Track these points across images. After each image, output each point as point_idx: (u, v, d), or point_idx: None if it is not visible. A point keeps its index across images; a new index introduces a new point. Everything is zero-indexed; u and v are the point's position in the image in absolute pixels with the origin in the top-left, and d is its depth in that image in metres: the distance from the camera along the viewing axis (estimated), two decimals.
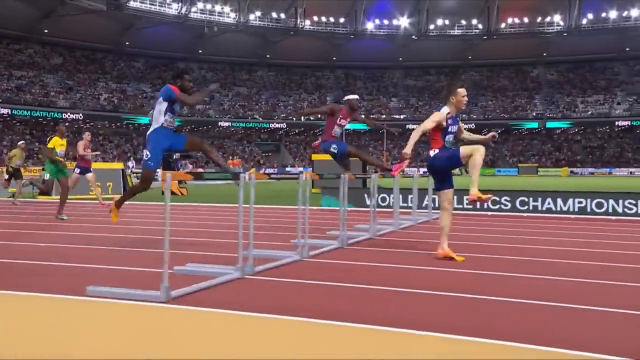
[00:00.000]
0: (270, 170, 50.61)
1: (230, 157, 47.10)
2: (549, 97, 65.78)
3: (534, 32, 60.79)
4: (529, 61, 68.77)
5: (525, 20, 59.77)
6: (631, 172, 46.64)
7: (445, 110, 5.17)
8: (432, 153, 5.20)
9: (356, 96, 6.97)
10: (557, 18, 59.31)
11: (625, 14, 56.53)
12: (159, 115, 5.30)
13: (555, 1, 57.62)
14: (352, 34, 62.87)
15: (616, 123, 59.78)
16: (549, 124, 61.91)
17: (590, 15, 57.85)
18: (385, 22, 61.87)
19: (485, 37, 62.03)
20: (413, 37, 64.19)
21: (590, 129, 61.73)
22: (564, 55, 65.55)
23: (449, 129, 5.18)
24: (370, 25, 62.97)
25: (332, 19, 61.20)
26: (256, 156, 61.13)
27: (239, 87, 67.86)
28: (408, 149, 5.11)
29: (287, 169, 54.61)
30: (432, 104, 69.08)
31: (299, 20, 60.49)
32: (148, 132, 5.37)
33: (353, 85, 72.94)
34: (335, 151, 6.76)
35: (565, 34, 60.24)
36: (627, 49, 63.92)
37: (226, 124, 60.76)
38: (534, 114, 63.75)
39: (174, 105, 5.33)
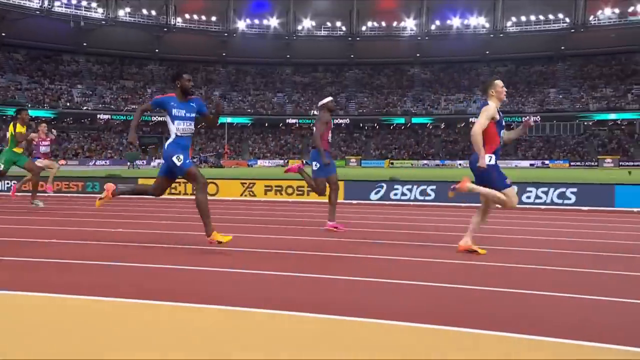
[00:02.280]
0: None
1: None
2: (419, 94, 71.66)
3: (391, 35, 66.28)
4: (407, 61, 74.48)
5: (383, 24, 65.12)
6: (460, 164, 52.75)
7: (492, 104, 4.90)
8: (487, 160, 4.79)
9: (330, 98, 6.93)
10: (410, 23, 65.09)
11: (465, 22, 63.10)
12: (169, 126, 5.15)
13: (408, 8, 63.32)
14: (226, 33, 65.84)
15: (470, 119, 66.36)
16: (414, 120, 67.71)
17: (437, 22, 64.02)
18: (256, 21, 65.31)
19: (349, 39, 66.83)
20: (293, 37, 67.98)
21: (449, 125, 68.12)
22: (437, 56, 71.68)
23: (502, 122, 4.96)
24: (242, 25, 66.18)
25: (204, 17, 63.90)
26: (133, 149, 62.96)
27: (125, 81, 69.24)
28: (482, 162, 4.78)
29: (157, 161, 56.75)
30: (314, 100, 73.41)
31: (170, 18, 62.75)
32: (166, 144, 5.18)
33: (242, 81, 76.10)
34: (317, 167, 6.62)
35: (418, 38, 66.17)
36: (487, 52, 70.85)
37: (105, 116, 62.26)
38: (403, 110, 69.38)
39: (172, 110, 5.08)
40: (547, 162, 54.85)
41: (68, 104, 60.02)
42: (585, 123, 63.04)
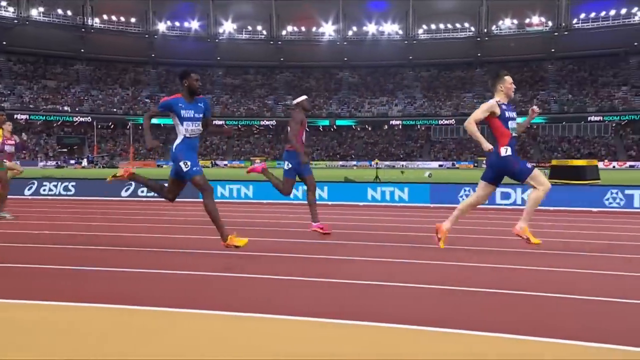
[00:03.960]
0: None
1: None
2: (345, 97, 73.85)
3: (310, 39, 68.43)
4: (336, 64, 76.56)
5: (303, 29, 67.24)
6: (376, 164, 55.20)
7: (495, 98, 5.03)
8: (502, 151, 4.92)
9: (305, 96, 6.74)
10: (329, 29, 67.44)
11: (380, 28, 65.98)
12: (178, 128, 4.97)
13: (326, 14, 65.68)
14: (147, 34, 66.17)
15: (391, 122, 69.10)
16: (338, 122, 69.80)
17: (354, 28, 66.65)
18: (177, 24, 66.00)
19: (271, 43, 68.44)
20: (215, 40, 68.85)
21: (372, 127, 70.59)
22: (365, 60, 74.05)
23: (507, 115, 4.98)
24: (162, 27, 66.69)
25: (122, 18, 64.05)
26: (52, 149, 62.32)
27: (48, 80, 68.31)
28: (485, 145, 4.90)
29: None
30: (242, 102, 74.50)
31: (87, 18, 62.61)
32: (174, 145, 4.97)
33: (171, 82, 76.16)
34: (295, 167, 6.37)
35: (337, 43, 68.54)
36: (410, 57, 73.77)
37: (24, 116, 61.41)
38: (328, 112, 71.35)
39: (181, 112, 4.92)
40: (455, 163, 57.87)
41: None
42: None
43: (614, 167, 52.13)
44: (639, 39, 63.78)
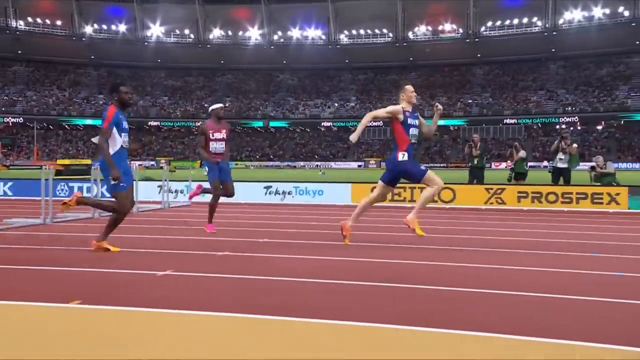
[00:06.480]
0: None
1: None
2: (281, 99, 75.64)
3: (237, 43, 70.28)
4: (277, 67, 78.30)
5: (230, 33, 69.09)
6: (295, 165, 57.46)
7: (401, 105, 5.31)
8: (400, 157, 5.18)
9: (220, 104, 6.65)
10: (255, 33, 69.45)
11: (304, 33, 68.29)
12: (113, 139, 4.84)
13: (252, 20, 67.70)
14: (74, 36, 67.29)
15: (323, 124, 71.11)
16: (272, 123, 71.57)
17: (279, 32, 68.85)
18: (104, 26, 67.26)
19: (199, 46, 70.15)
20: (144, 43, 70.18)
21: (309, 129, 72.52)
22: (304, 63, 75.89)
23: (409, 122, 5.25)
24: (89, 29, 67.90)
25: (48, 21, 65.09)
26: None
27: None
28: (355, 135, 5.19)
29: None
30: (180, 103, 75.81)
31: (10, 20, 63.57)
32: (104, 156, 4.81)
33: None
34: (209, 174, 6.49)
35: (264, 47, 70.57)
36: (347, 60, 75.87)
37: None
38: (263, 114, 73.11)
39: (123, 123, 4.89)
40: (380, 162, 59.59)
41: None
42: None
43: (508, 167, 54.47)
44: (557, 45, 66.80)
